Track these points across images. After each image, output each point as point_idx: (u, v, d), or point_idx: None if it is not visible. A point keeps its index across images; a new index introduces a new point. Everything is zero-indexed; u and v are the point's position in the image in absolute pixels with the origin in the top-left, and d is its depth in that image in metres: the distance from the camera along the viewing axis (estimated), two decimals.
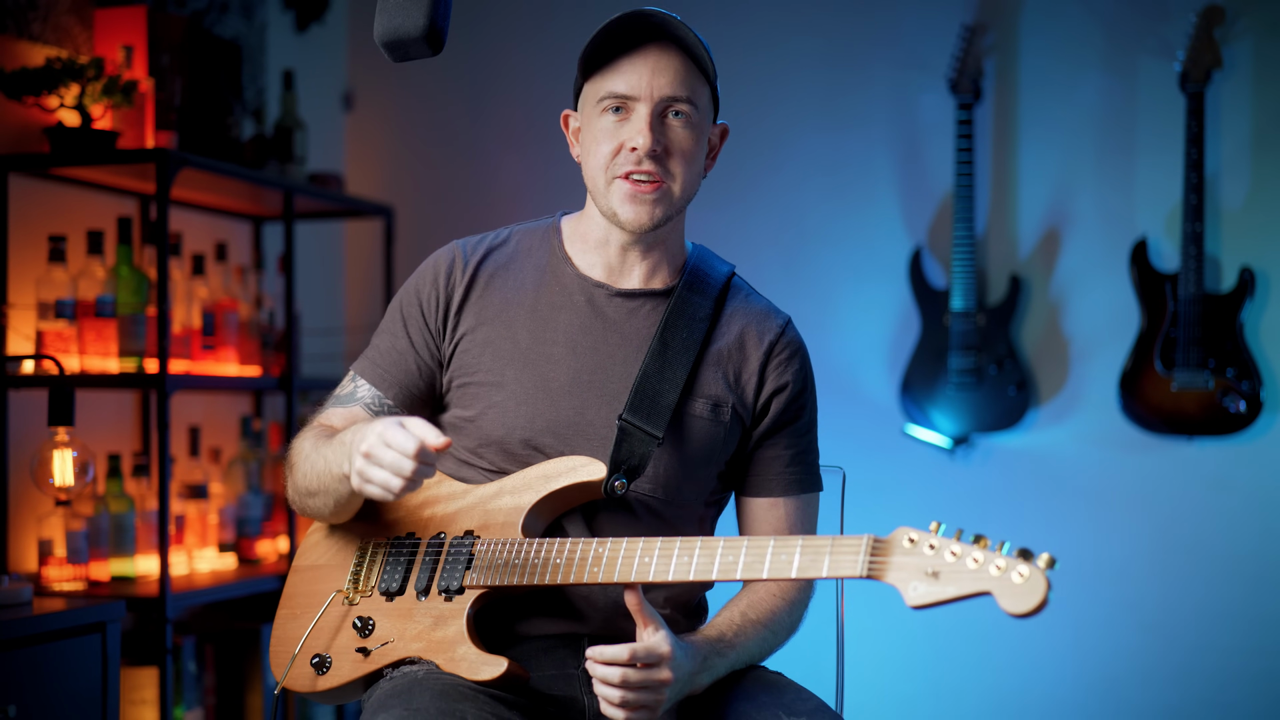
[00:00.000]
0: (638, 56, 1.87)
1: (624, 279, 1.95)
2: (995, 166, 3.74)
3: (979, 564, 1.52)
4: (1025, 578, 1.50)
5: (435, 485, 1.92)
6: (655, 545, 1.74)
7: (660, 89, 1.86)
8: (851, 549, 1.61)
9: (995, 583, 1.51)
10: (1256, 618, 3.53)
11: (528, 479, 1.86)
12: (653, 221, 1.88)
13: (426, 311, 1.96)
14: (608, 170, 1.88)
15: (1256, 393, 3.46)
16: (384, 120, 4.28)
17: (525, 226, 2.03)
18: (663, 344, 1.90)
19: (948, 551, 1.54)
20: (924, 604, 1.54)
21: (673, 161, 1.87)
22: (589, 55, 1.89)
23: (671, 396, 1.88)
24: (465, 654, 1.79)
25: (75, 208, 3.22)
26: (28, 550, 3.04)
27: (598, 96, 1.88)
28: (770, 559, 1.66)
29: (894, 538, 1.58)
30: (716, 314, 1.96)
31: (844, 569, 1.61)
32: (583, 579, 1.76)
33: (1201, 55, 3.47)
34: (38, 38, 3.12)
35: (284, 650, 1.92)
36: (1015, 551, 1.52)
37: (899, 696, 3.75)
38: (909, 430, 3.74)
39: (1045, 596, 1.49)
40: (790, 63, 3.90)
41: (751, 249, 3.87)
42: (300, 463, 1.90)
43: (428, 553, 1.87)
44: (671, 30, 1.87)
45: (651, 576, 1.72)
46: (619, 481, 1.84)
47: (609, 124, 1.88)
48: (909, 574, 1.55)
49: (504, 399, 1.90)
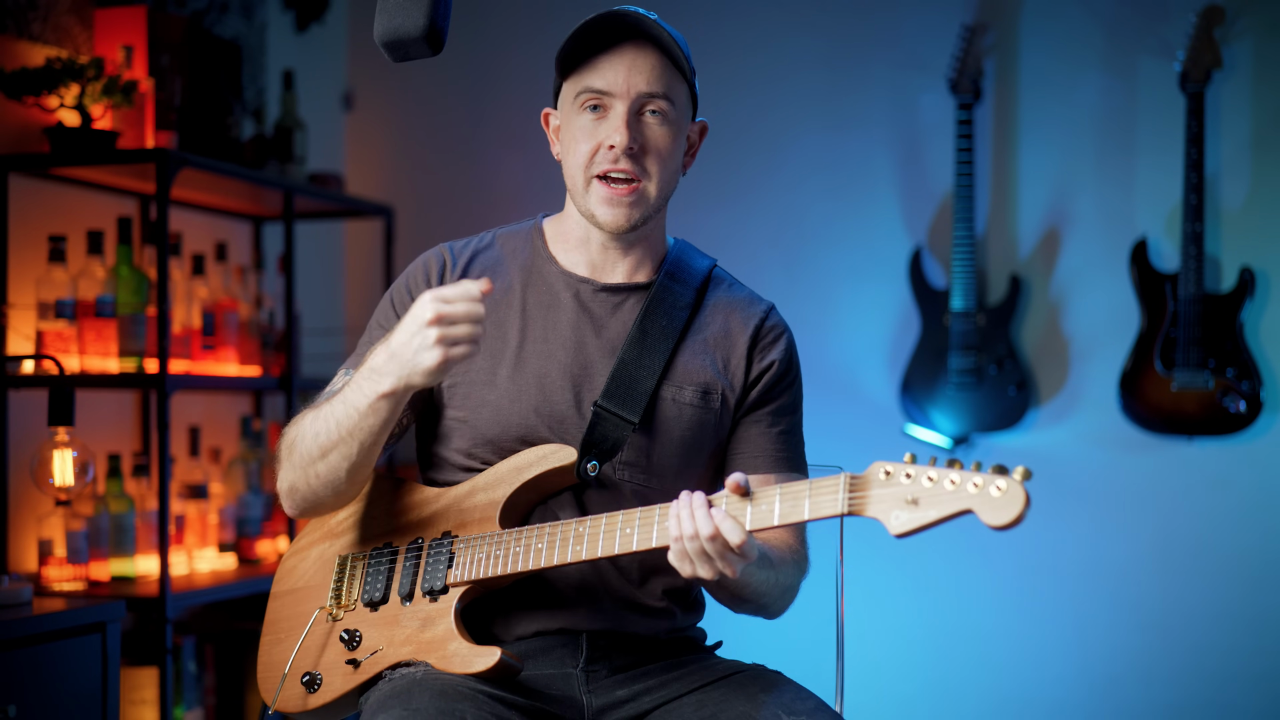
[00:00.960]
0: (614, 55, 1.88)
1: (608, 274, 1.96)
2: (995, 166, 3.74)
3: (956, 485, 1.54)
4: (1003, 490, 1.51)
5: (407, 493, 1.93)
6: (635, 515, 1.75)
7: (636, 86, 1.87)
8: (829, 489, 1.62)
9: (974, 499, 1.53)
10: (1257, 617, 3.53)
11: (499, 474, 1.87)
12: (630, 223, 1.90)
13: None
14: (586, 170, 1.89)
15: (1256, 393, 3.46)
16: (384, 120, 4.28)
17: (507, 230, 2.04)
18: (641, 332, 1.92)
19: (924, 478, 1.56)
20: (907, 530, 1.56)
21: (649, 160, 1.89)
22: (566, 54, 1.90)
23: (649, 383, 1.89)
24: (457, 649, 1.79)
25: (75, 208, 3.22)
26: (28, 550, 3.04)
27: (575, 92, 1.90)
28: (751, 511, 1.67)
29: (869, 473, 1.60)
30: (698, 303, 1.97)
31: (825, 509, 1.62)
32: (566, 558, 1.77)
33: (1201, 55, 3.47)
34: (38, 38, 3.12)
35: (272, 675, 1.92)
36: (991, 468, 1.53)
37: (899, 696, 3.75)
38: (909, 430, 3.73)
39: (1025, 506, 1.50)
40: (790, 63, 3.90)
41: (751, 249, 3.87)
42: (300, 436, 1.85)
43: (407, 558, 1.87)
44: (647, 29, 1.88)
45: (635, 545, 1.73)
46: (591, 464, 1.85)
47: (587, 123, 1.89)
48: (889, 504, 1.57)
49: (496, 397, 1.90)
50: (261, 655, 1.95)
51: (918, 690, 3.75)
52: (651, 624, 1.90)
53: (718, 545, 1.66)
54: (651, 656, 1.90)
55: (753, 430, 1.96)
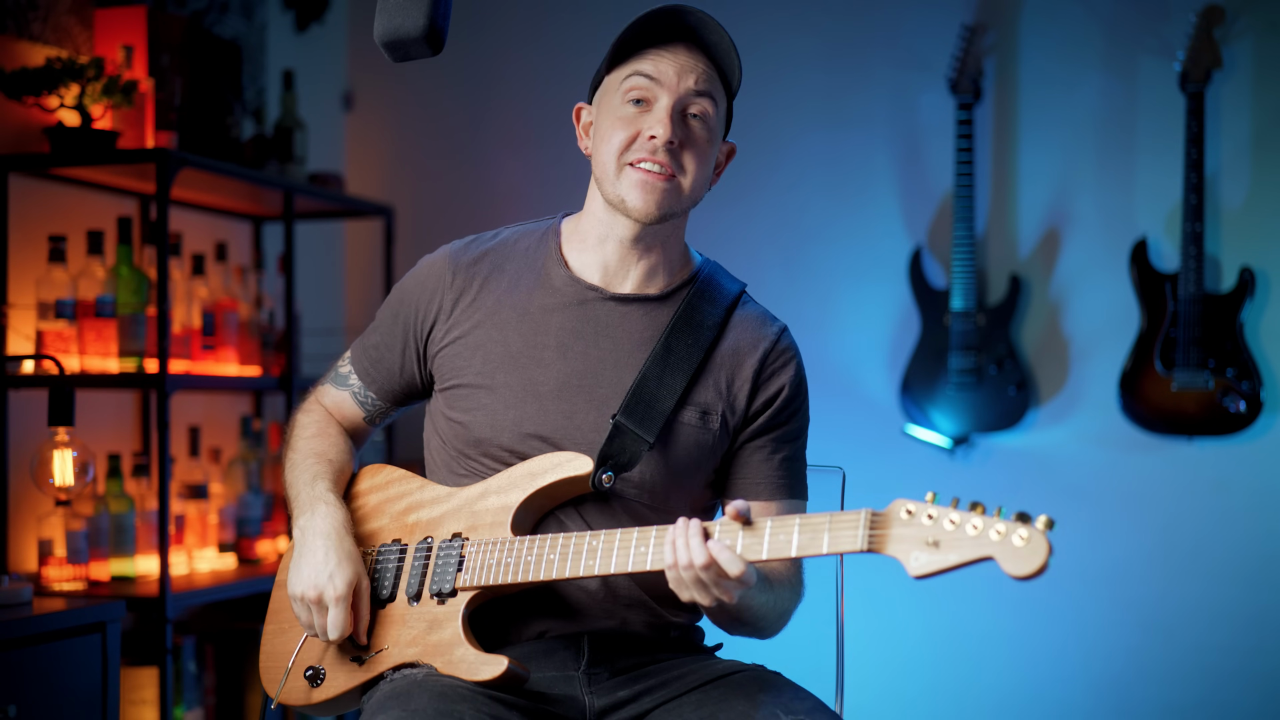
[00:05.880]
0: (667, 51, 1.85)
1: (619, 283, 1.92)
2: (995, 166, 3.74)
3: (979, 530, 1.53)
4: (1026, 540, 1.51)
5: (418, 490, 1.92)
6: (650, 534, 1.73)
7: (686, 83, 1.84)
8: (850, 524, 1.61)
9: (997, 547, 1.52)
10: (1256, 617, 3.53)
11: (513, 478, 1.85)
12: (659, 211, 1.86)
13: (416, 316, 1.97)
14: (620, 157, 1.86)
15: (1256, 393, 3.46)
16: (384, 120, 4.28)
17: (524, 227, 2.02)
18: (667, 349, 1.89)
19: (946, 520, 1.55)
20: (927, 573, 1.55)
21: (686, 156, 1.86)
22: (623, 42, 1.86)
23: (668, 403, 1.86)
24: (464, 655, 1.78)
25: (75, 208, 3.22)
26: (28, 550, 3.04)
27: (623, 78, 1.86)
28: (769, 539, 1.65)
29: (891, 510, 1.59)
30: (723, 326, 1.94)
31: (844, 544, 1.61)
32: (579, 572, 1.75)
33: (1201, 55, 3.47)
34: (38, 38, 3.12)
35: (275, 665, 1.92)
36: (1014, 515, 1.53)
37: (899, 696, 3.75)
38: (909, 430, 3.74)
39: (1047, 558, 1.49)
40: (790, 63, 3.90)
41: (751, 249, 3.87)
42: (289, 452, 1.99)
43: (416, 558, 1.86)
44: (707, 34, 1.85)
45: (649, 565, 1.72)
46: (606, 475, 1.83)
47: (629, 112, 1.85)
48: (909, 545, 1.56)
49: (492, 402, 1.89)
50: (264, 645, 1.95)
51: (918, 690, 3.75)
52: (654, 625, 1.89)
53: (712, 574, 1.65)
54: (653, 657, 1.89)
55: (756, 457, 1.93)
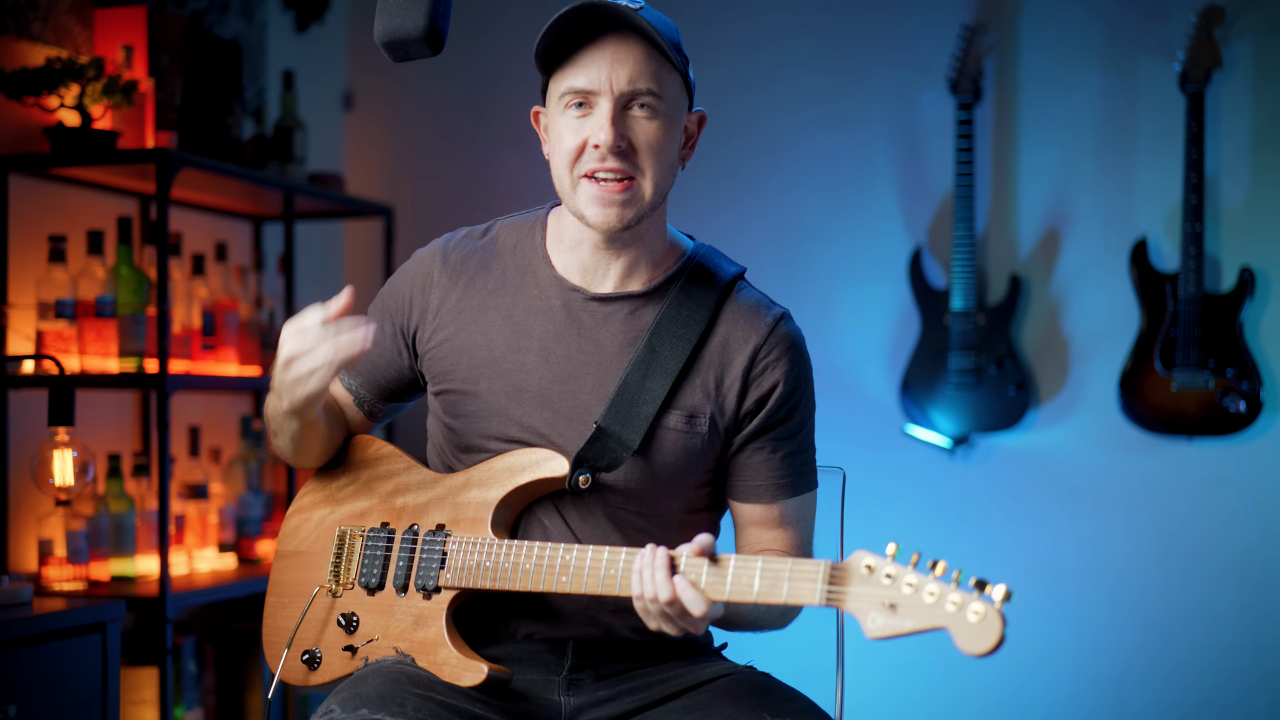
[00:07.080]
0: (596, 49, 1.77)
1: (599, 282, 1.88)
2: (995, 166, 3.74)
3: (935, 597, 1.50)
4: (980, 616, 1.47)
5: (405, 471, 1.95)
6: (620, 556, 1.71)
7: (620, 82, 1.76)
8: (810, 576, 1.57)
9: (952, 619, 1.49)
10: (1257, 617, 3.53)
11: (494, 471, 1.86)
12: (622, 223, 1.80)
13: (404, 315, 1.98)
14: (573, 170, 1.80)
15: (1256, 393, 3.46)
16: (384, 120, 4.28)
17: (513, 220, 1.98)
18: (650, 350, 1.84)
19: (904, 582, 1.52)
20: (882, 636, 1.53)
21: (640, 157, 1.79)
22: (543, 49, 1.79)
23: (650, 408, 1.82)
24: (446, 658, 1.80)
25: (75, 208, 3.22)
26: (28, 550, 3.04)
27: (559, 92, 1.80)
28: (732, 579, 1.62)
29: (851, 564, 1.55)
30: (712, 321, 1.87)
31: (803, 596, 1.58)
32: (551, 587, 1.75)
33: (1201, 55, 3.47)
34: (38, 38, 3.12)
35: (277, 640, 1.95)
36: (971, 581, 1.49)
37: (899, 697, 3.75)
38: (909, 430, 3.74)
39: (1000, 637, 1.46)
40: (790, 63, 3.90)
41: (751, 249, 3.86)
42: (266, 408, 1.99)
43: (403, 546, 1.87)
44: (627, 19, 1.75)
45: (618, 590, 1.70)
46: (583, 476, 1.82)
47: (571, 120, 1.79)
48: (867, 604, 1.53)
49: (477, 408, 1.88)
50: (266, 619, 1.97)
51: (918, 691, 3.75)
52: (642, 629, 1.85)
53: (677, 609, 1.63)
54: (640, 662, 1.88)
55: (756, 458, 1.88)
